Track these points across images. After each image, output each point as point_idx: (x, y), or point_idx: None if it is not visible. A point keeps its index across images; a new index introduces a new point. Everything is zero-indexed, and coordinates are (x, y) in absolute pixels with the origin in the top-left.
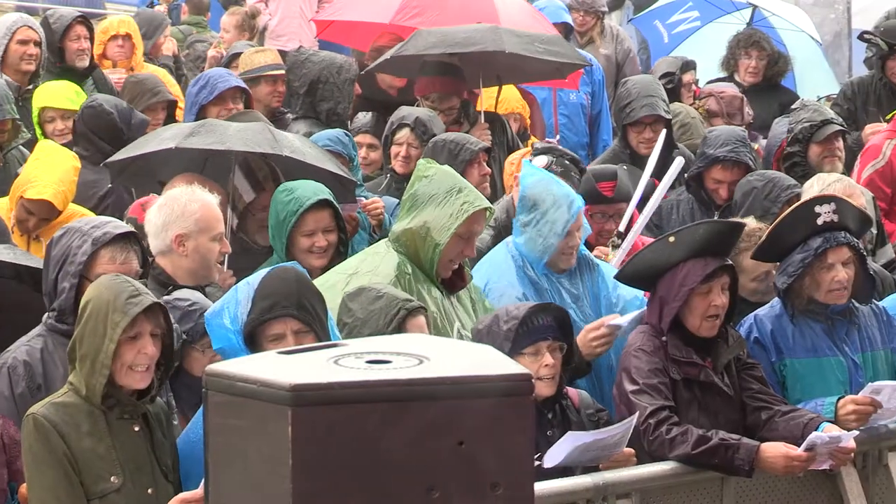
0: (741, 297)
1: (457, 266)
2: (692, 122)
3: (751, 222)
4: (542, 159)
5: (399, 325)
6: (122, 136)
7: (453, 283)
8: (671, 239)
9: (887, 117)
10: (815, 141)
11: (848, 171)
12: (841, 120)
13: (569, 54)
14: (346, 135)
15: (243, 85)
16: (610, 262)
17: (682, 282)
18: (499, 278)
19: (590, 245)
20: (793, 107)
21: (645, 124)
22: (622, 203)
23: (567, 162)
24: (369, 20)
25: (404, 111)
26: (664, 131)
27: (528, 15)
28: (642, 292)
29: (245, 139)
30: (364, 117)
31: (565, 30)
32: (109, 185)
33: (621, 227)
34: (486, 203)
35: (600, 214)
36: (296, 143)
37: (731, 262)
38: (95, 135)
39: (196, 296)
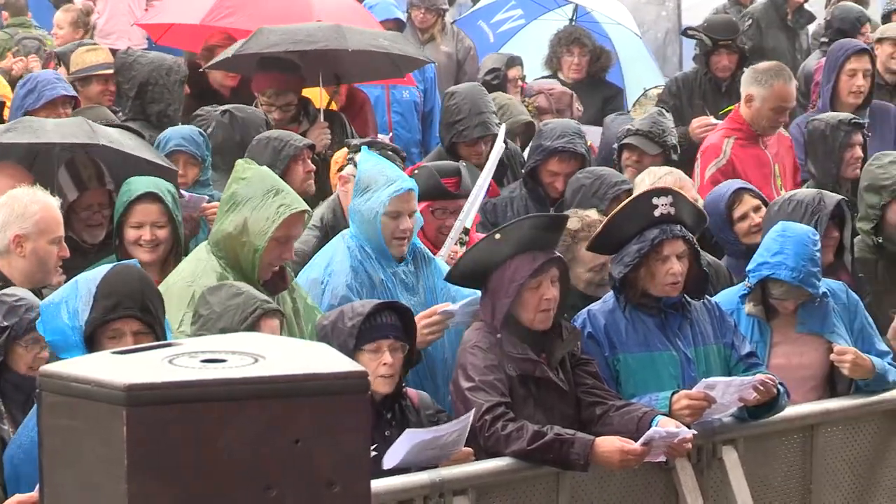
0: (578, 290)
1: (277, 268)
2: (509, 103)
3: (591, 213)
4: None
5: (253, 324)
6: None
7: (275, 284)
8: (497, 236)
9: (721, 112)
10: None
11: (680, 165)
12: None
13: (412, 51)
14: (201, 134)
15: (72, 93)
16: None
17: (512, 278)
18: (334, 271)
19: (433, 242)
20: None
21: (477, 138)
22: (464, 199)
23: (390, 153)
24: (181, 21)
25: None
26: (503, 127)
27: (350, 12)
28: None
29: (62, 132)
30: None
31: (397, 26)
32: None
33: (468, 224)
34: (304, 205)
35: (441, 210)
36: (114, 134)
37: (559, 254)
38: None
39: (25, 292)
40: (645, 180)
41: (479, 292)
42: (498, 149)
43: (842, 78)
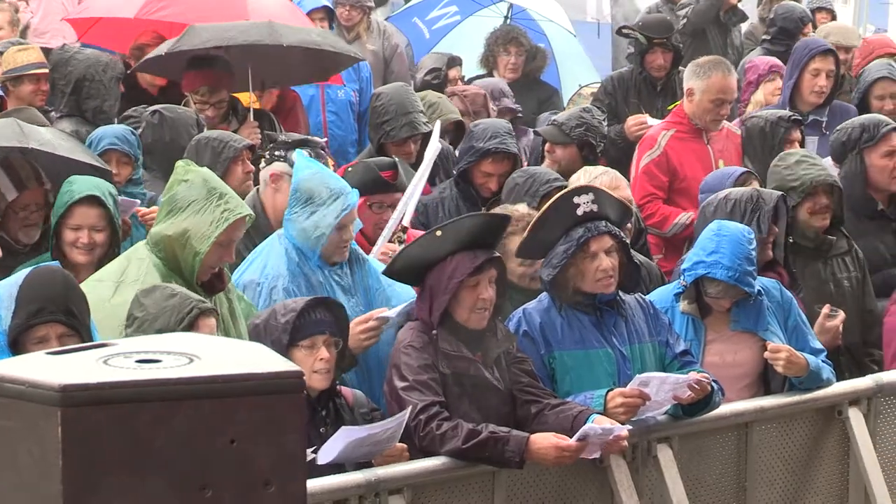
0: (511, 282)
1: (215, 270)
2: (439, 101)
3: (521, 208)
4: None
5: (190, 324)
6: None
7: (213, 284)
8: (438, 233)
9: (669, 108)
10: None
11: (615, 164)
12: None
13: (343, 47)
14: (133, 133)
15: None
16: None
17: (451, 275)
18: (272, 271)
19: (370, 238)
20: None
21: (405, 138)
22: (401, 192)
23: (321, 151)
24: (115, 15)
25: None
26: (438, 123)
27: (282, 7)
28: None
29: None
30: None
31: (326, 15)
32: None
33: (405, 222)
34: (247, 210)
35: (378, 205)
36: (46, 135)
37: (498, 254)
38: None
39: None
40: (580, 179)
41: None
42: (434, 146)
43: (805, 76)
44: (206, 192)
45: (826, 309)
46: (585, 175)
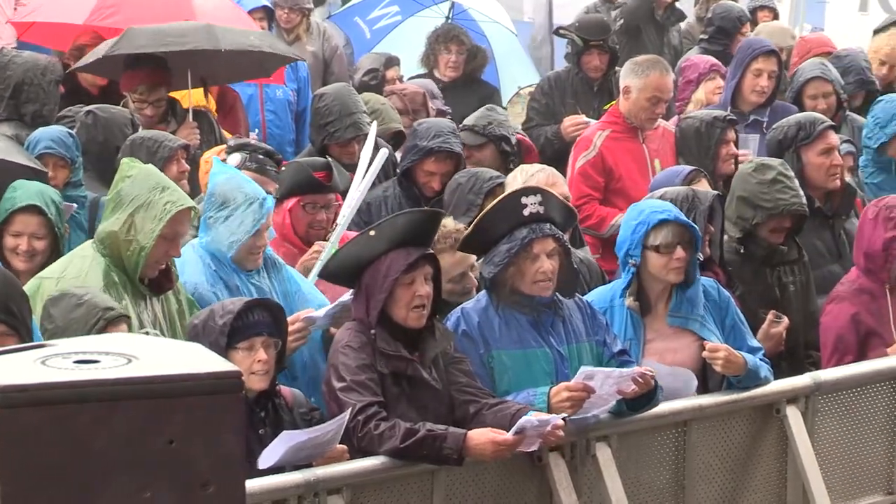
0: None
1: (163, 266)
2: (382, 108)
3: (449, 223)
4: (237, 157)
5: (99, 334)
6: None
7: (160, 284)
8: (372, 232)
9: (604, 107)
10: None
11: (551, 162)
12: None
13: (281, 48)
14: (70, 135)
15: None
16: None
17: (386, 273)
18: (189, 278)
19: (304, 239)
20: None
21: (349, 139)
22: (334, 193)
23: (261, 156)
24: (64, 21)
25: None
26: (374, 124)
27: (227, 10)
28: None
29: None
30: None
31: (266, 13)
32: None
33: (341, 222)
34: (190, 202)
35: (311, 205)
36: None
37: (433, 251)
38: None
39: None
40: (517, 177)
41: (343, 300)
42: (368, 149)
43: (747, 76)
44: (149, 187)
45: (771, 315)
46: (522, 173)
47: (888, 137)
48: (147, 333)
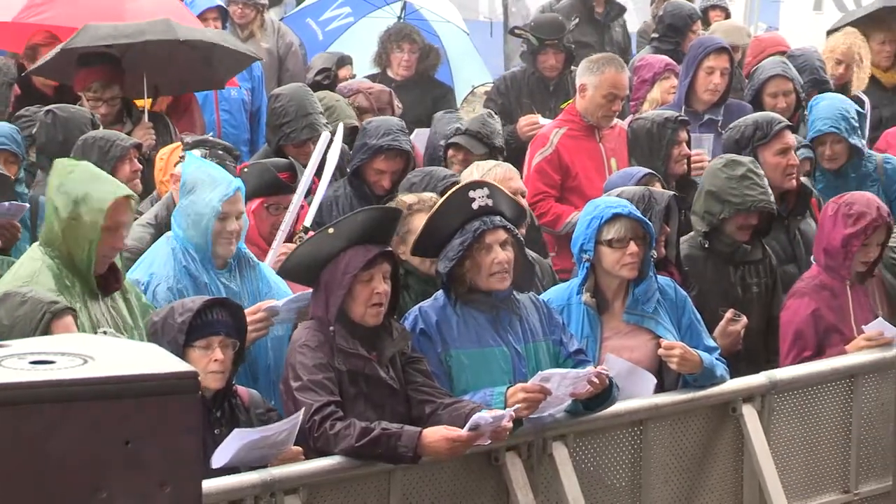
0: (413, 268)
1: (111, 261)
2: (337, 105)
3: (424, 194)
4: (196, 153)
5: (46, 329)
6: None
7: (108, 284)
8: (331, 230)
9: (562, 106)
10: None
11: (507, 161)
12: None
13: (240, 45)
14: (18, 132)
15: None
16: None
17: (345, 269)
18: (158, 270)
19: (268, 240)
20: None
21: (305, 139)
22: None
23: (220, 152)
24: None
25: None
26: (340, 126)
27: (167, 9)
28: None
29: None
30: None
31: (220, 13)
32: None
33: (307, 223)
34: (127, 190)
35: (275, 206)
36: None
37: (391, 249)
38: None
39: None
40: (473, 173)
41: (305, 291)
42: (322, 145)
43: (699, 74)
44: (85, 180)
45: (729, 314)
46: (478, 168)
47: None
48: (105, 333)
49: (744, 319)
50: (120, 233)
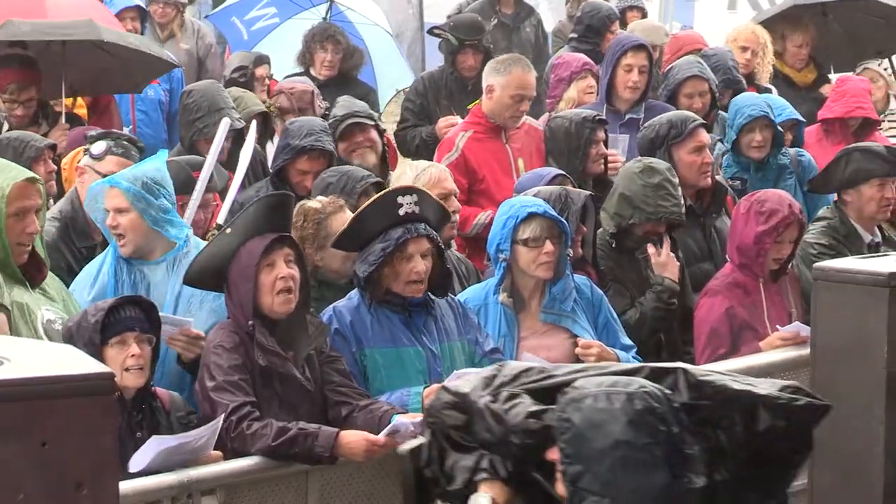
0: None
1: (27, 248)
2: (243, 96)
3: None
4: (101, 144)
5: None
6: None
7: (33, 276)
8: (228, 230)
9: (468, 106)
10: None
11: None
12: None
13: (159, 52)
14: None
15: None
16: None
17: (247, 262)
18: (105, 260)
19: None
20: None
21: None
22: (213, 192)
23: (125, 143)
24: None
25: None
26: (254, 123)
27: (86, 9)
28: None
29: None
30: None
31: (139, 13)
32: None
33: (220, 220)
34: (28, 173)
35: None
36: None
37: (289, 234)
38: None
39: None
40: (406, 172)
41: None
42: (223, 127)
43: (618, 72)
44: None
45: (650, 249)
46: (412, 168)
47: (735, 135)
48: (52, 322)
49: (666, 247)
50: (30, 218)
